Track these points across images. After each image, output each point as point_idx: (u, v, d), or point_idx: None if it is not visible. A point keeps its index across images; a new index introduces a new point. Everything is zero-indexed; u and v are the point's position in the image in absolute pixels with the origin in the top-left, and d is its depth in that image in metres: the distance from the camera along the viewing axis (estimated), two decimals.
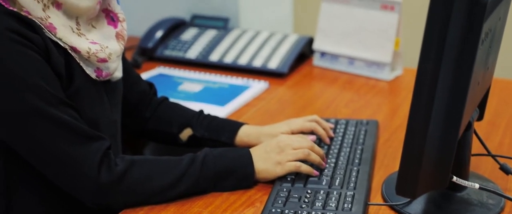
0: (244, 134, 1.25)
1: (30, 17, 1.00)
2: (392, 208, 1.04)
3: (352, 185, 1.08)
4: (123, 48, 1.14)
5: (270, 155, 1.12)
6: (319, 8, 1.75)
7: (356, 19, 1.69)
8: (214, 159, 1.09)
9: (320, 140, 1.25)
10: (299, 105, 1.56)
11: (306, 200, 1.04)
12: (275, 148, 1.12)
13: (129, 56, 1.75)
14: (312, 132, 1.25)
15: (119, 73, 1.17)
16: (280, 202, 1.04)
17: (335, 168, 1.14)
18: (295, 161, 1.11)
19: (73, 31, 1.05)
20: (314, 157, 1.13)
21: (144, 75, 1.66)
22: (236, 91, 1.59)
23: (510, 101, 1.50)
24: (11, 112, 0.98)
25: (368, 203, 1.05)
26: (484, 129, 1.31)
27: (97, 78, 1.09)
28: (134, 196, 1.05)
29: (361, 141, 1.24)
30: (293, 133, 1.23)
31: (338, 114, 1.46)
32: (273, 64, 1.71)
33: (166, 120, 1.30)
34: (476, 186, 0.97)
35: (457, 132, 0.88)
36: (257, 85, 1.62)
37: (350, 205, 1.02)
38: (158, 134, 1.31)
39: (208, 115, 1.30)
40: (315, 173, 1.11)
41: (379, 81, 1.66)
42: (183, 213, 1.04)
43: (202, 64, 1.78)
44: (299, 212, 1.01)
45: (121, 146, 1.23)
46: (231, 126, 1.27)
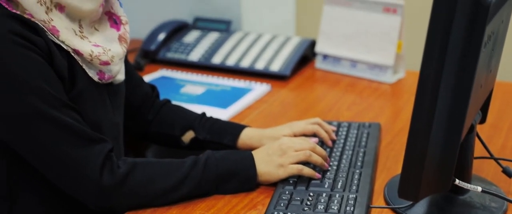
0: (246, 137, 1.25)
1: (33, 19, 1.00)
2: (394, 211, 1.04)
3: (354, 187, 1.08)
4: (125, 51, 1.14)
5: (272, 157, 1.12)
6: (321, 11, 1.75)
7: (358, 22, 1.69)
8: (216, 161, 1.09)
9: (322, 143, 1.25)
10: (301, 108, 1.56)
11: (308, 203, 1.04)
12: (277, 150, 1.12)
13: (131, 58, 1.75)
14: (314, 135, 1.25)
15: (121, 76, 1.17)
16: (282, 205, 1.03)
17: (337, 170, 1.14)
18: (297, 162, 1.11)
19: (76, 34, 1.05)
20: (316, 158, 1.13)
21: (147, 78, 1.66)
22: (238, 93, 1.59)
23: None
24: (14, 114, 0.99)
25: (371, 206, 1.05)
26: (487, 132, 1.30)
27: (99, 81, 1.09)
28: (137, 198, 1.05)
29: (363, 143, 1.24)
30: (295, 136, 1.23)
31: (340, 116, 1.46)
32: (275, 67, 1.71)
33: (168, 123, 1.30)
34: (479, 189, 0.97)
35: (459, 134, 0.88)
36: (259, 88, 1.62)
37: (352, 208, 1.02)
38: (161, 137, 1.31)
39: (210, 118, 1.30)
40: (317, 175, 1.11)
41: (381, 84, 1.66)
42: None
43: (204, 66, 1.78)
44: None
45: (123, 148, 1.23)
46: (233, 128, 1.27)
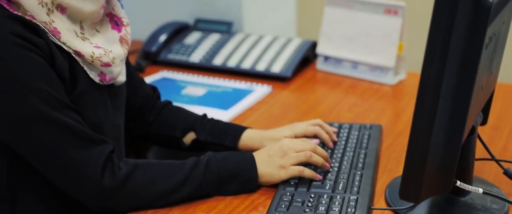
0: (247, 138, 1.25)
1: (34, 21, 1.00)
2: (395, 212, 1.04)
3: (355, 189, 1.08)
4: (126, 52, 1.14)
5: (273, 158, 1.12)
6: (322, 12, 1.75)
7: (360, 24, 1.69)
8: (218, 162, 1.09)
9: (323, 144, 1.25)
10: (303, 109, 1.56)
11: (310, 205, 1.04)
12: (278, 151, 1.12)
13: (132, 60, 1.75)
14: (315, 136, 1.25)
15: (122, 77, 1.17)
16: (283, 206, 1.03)
17: (338, 172, 1.14)
18: (298, 163, 1.11)
19: (77, 36, 1.05)
20: (317, 159, 1.12)
21: (148, 79, 1.66)
22: (240, 95, 1.59)
23: None
24: (15, 115, 0.99)
25: (372, 207, 1.05)
26: (488, 134, 1.30)
27: (100, 82, 1.09)
28: (138, 200, 1.05)
29: (364, 145, 1.24)
30: (296, 137, 1.23)
31: (342, 118, 1.46)
32: (276, 68, 1.71)
33: (169, 124, 1.30)
34: (480, 190, 0.97)
35: (461, 136, 0.87)
36: (260, 89, 1.62)
37: (353, 210, 1.02)
38: (162, 138, 1.31)
39: (212, 119, 1.30)
40: (319, 177, 1.11)
41: (382, 85, 1.66)
42: None
43: (205, 68, 1.78)
44: None
45: (124, 150, 1.23)
46: (235, 130, 1.27)
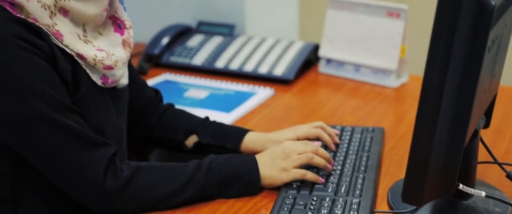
0: (249, 141, 1.25)
1: (37, 24, 1.00)
2: None
3: (358, 192, 1.08)
4: (129, 55, 1.14)
5: (276, 161, 1.11)
6: (324, 15, 1.75)
7: (362, 26, 1.69)
8: (220, 165, 1.09)
9: (325, 147, 1.25)
10: (305, 112, 1.56)
11: (312, 207, 1.04)
12: (280, 154, 1.12)
13: (135, 62, 1.75)
14: (317, 139, 1.25)
15: (125, 80, 1.17)
16: (285, 209, 1.03)
17: (341, 175, 1.14)
18: (299, 165, 1.11)
19: (79, 38, 1.05)
20: (318, 160, 1.12)
21: (150, 82, 1.66)
22: (242, 98, 1.59)
23: None
24: (17, 118, 0.99)
25: (374, 210, 1.05)
26: (491, 137, 1.30)
27: (103, 85, 1.10)
28: (140, 202, 1.05)
29: (367, 148, 1.24)
30: (298, 139, 1.23)
31: (344, 121, 1.46)
32: (278, 71, 1.71)
33: (171, 127, 1.30)
34: (483, 194, 0.96)
35: (463, 139, 0.87)
36: (262, 92, 1.62)
37: (356, 213, 1.02)
38: (164, 141, 1.31)
39: (214, 122, 1.30)
40: (321, 180, 1.11)
41: (385, 88, 1.66)
42: None
43: (208, 70, 1.78)
44: None
45: (126, 152, 1.23)
46: (237, 132, 1.27)
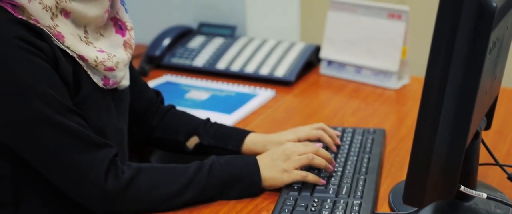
0: (250, 142, 1.25)
1: (38, 25, 1.00)
2: None
3: (359, 193, 1.08)
4: (130, 57, 1.14)
5: (277, 162, 1.12)
6: (326, 16, 1.75)
7: (363, 28, 1.69)
8: (221, 166, 1.09)
9: (327, 148, 1.24)
10: (306, 113, 1.56)
11: (313, 209, 1.04)
12: (281, 155, 1.12)
13: (136, 64, 1.75)
14: (318, 140, 1.25)
15: (126, 81, 1.17)
16: (286, 210, 1.03)
17: (342, 176, 1.14)
18: (300, 166, 1.11)
19: (81, 40, 1.05)
20: (319, 161, 1.12)
21: (151, 83, 1.66)
22: (243, 99, 1.59)
23: None
24: (19, 119, 0.99)
25: (375, 212, 1.05)
26: (492, 138, 1.30)
27: (104, 86, 1.10)
28: (141, 203, 1.05)
29: (368, 149, 1.24)
30: (299, 141, 1.23)
31: (345, 122, 1.46)
32: (280, 72, 1.71)
33: (172, 128, 1.30)
34: (484, 195, 0.96)
35: (464, 141, 0.87)
36: (264, 94, 1.62)
37: None
38: (165, 142, 1.31)
39: (215, 123, 1.30)
40: (322, 181, 1.11)
41: (386, 90, 1.66)
42: None
43: (209, 72, 1.78)
44: None
45: (128, 154, 1.23)
46: (238, 134, 1.27)
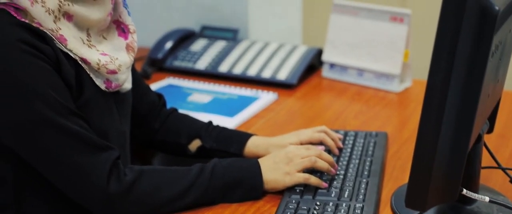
0: (253, 145, 1.25)
1: (41, 28, 1.00)
2: None
3: (361, 197, 1.08)
4: (132, 59, 1.14)
5: (279, 165, 1.11)
6: (328, 19, 1.75)
7: (365, 31, 1.69)
8: (223, 169, 1.09)
9: (329, 151, 1.24)
10: (308, 116, 1.55)
11: (315, 212, 1.04)
12: (283, 158, 1.12)
13: (138, 67, 1.75)
14: (321, 143, 1.25)
15: (128, 84, 1.17)
16: (289, 213, 1.03)
17: (344, 179, 1.14)
18: (303, 168, 1.11)
19: (83, 43, 1.05)
20: (321, 164, 1.12)
21: (154, 86, 1.66)
22: (245, 102, 1.59)
23: None
24: (21, 121, 0.99)
25: None
26: (494, 142, 1.30)
27: (106, 89, 1.10)
28: (143, 206, 1.05)
29: (370, 152, 1.24)
30: (302, 144, 1.23)
31: (347, 125, 1.46)
32: (282, 75, 1.71)
33: (175, 131, 1.30)
34: (486, 199, 0.96)
35: (467, 144, 0.87)
36: (266, 97, 1.62)
37: None
38: (167, 145, 1.31)
39: (217, 126, 1.30)
40: (324, 185, 1.11)
41: (388, 93, 1.65)
42: None
43: (211, 75, 1.78)
44: None
45: (130, 156, 1.23)
46: (240, 137, 1.27)
